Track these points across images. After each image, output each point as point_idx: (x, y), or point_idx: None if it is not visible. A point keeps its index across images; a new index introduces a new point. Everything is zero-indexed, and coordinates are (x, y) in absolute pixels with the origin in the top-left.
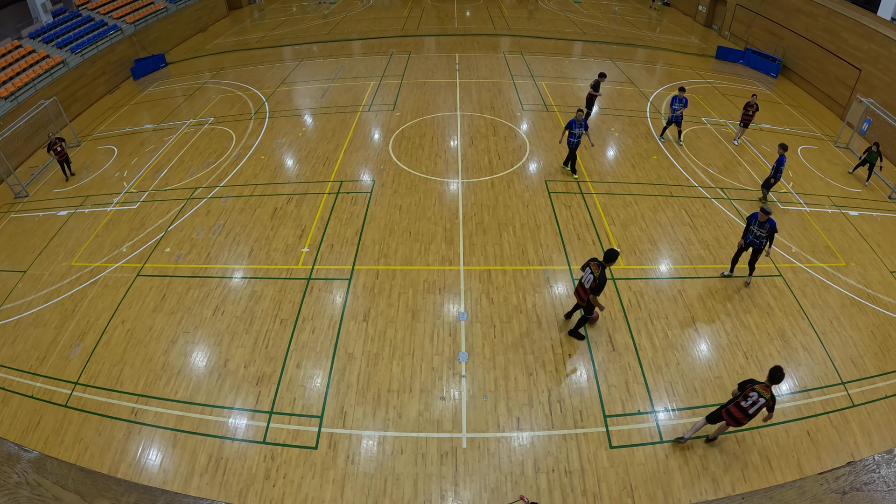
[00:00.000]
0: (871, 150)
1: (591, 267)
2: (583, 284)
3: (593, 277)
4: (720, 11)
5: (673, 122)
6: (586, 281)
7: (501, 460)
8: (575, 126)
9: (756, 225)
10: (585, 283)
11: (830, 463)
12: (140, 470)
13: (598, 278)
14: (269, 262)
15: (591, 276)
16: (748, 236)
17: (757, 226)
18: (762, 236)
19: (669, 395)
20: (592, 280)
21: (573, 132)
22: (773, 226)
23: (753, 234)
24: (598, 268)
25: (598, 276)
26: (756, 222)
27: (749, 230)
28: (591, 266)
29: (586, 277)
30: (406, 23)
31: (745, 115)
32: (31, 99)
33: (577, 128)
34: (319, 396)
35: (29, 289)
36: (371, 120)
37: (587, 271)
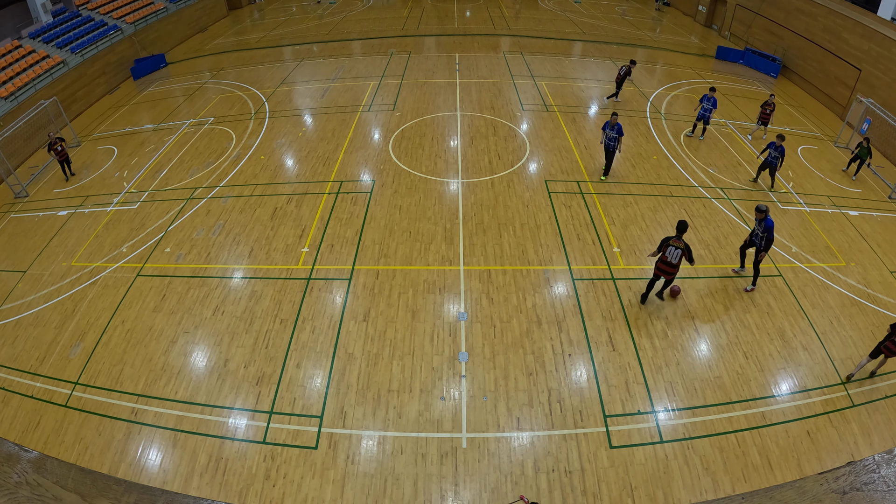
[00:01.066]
0: (862, 146)
1: (673, 244)
2: (670, 262)
3: (681, 250)
4: (720, 11)
5: (701, 120)
6: (674, 257)
7: (501, 460)
8: (608, 128)
9: (756, 223)
10: (674, 258)
11: (830, 463)
12: (140, 470)
13: (685, 248)
14: (269, 262)
15: (678, 249)
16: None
17: (756, 224)
18: (761, 236)
19: (669, 395)
20: (681, 252)
21: (606, 133)
22: (770, 226)
23: (756, 232)
24: (680, 242)
25: (684, 247)
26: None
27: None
28: (673, 243)
29: (673, 253)
30: (406, 23)
31: (762, 113)
32: (31, 99)
33: (609, 129)
34: (319, 396)
35: (29, 289)
36: (371, 120)
37: (670, 249)
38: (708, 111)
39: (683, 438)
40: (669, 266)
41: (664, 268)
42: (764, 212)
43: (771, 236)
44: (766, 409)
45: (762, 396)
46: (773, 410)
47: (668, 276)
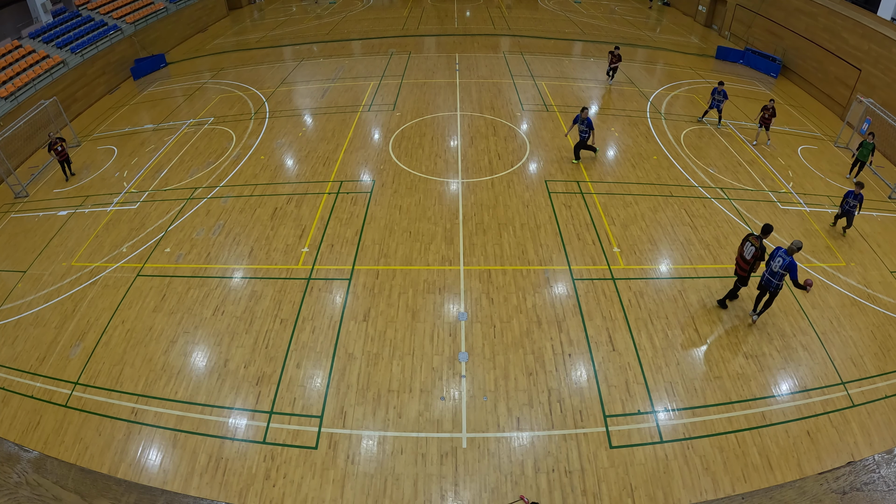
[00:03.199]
0: (866, 143)
1: (751, 241)
2: (744, 257)
3: (755, 248)
4: (720, 11)
5: (714, 108)
6: (748, 253)
7: (501, 460)
8: (578, 122)
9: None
10: (748, 254)
11: (830, 463)
12: (140, 470)
13: (759, 248)
14: (269, 262)
15: (753, 247)
16: (764, 276)
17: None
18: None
19: (669, 395)
20: (755, 251)
21: (576, 127)
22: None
23: (771, 271)
24: (757, 240)
25: (759, 246)
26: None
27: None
28: (751, 240)
29: (748, 250)
30: (406, 23)
31: (762, 117)
32: (31, 99)
33: (580, 123)
34: (319, 396)
35: (29, 289)
36: (371, 120)
37: (747, 245)
38: (720, 101)
39: (683, 438)
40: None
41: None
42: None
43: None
44: (766, 409)
45: (762, 396)
46: (773, 410)
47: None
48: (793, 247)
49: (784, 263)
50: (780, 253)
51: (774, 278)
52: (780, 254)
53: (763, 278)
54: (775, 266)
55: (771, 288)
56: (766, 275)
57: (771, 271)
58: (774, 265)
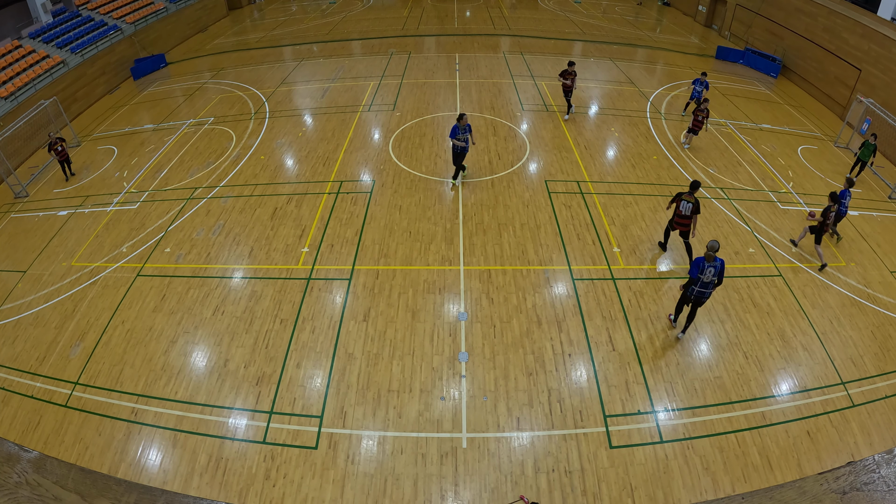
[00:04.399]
0: (868, 143)
1: (685, 198)
2: (683, 213)
3: (692, 204)
4: (720, 11)
5: (693, 99)
6: (686, 209)
7: (501, 460)
8: (459, 131)
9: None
10: (686, 211)
11: (830, 463)
12: (140, 470)
13: (696, 202)
14: (269, 262)
15: (690, 203)
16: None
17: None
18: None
19: (669, 395)
20: (693, 206)
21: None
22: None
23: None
24: (691, 196)
25: (695, 201)
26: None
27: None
28: (685, 198)
29: (685, 207)
30: (406, 23)
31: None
32: (31, 99)
33: (462, 132)
34: (319, 396)
35: (29, 289)
36: (371, 120)
37: (683, 203)
38: (699, 93)
39: (683, 438)
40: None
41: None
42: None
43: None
44: (766, 409)
45: (762, 396)
46: (773, 410)
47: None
48: (711, 252)
49: (717, 271)
50: (705, 265)
51: (708, 289)
52: (707, 266)
53: (693, 292)
54: (707, 277)
55: (704, 300)
56: (697, 289)
57: (703, 284)
58: (706, 277)
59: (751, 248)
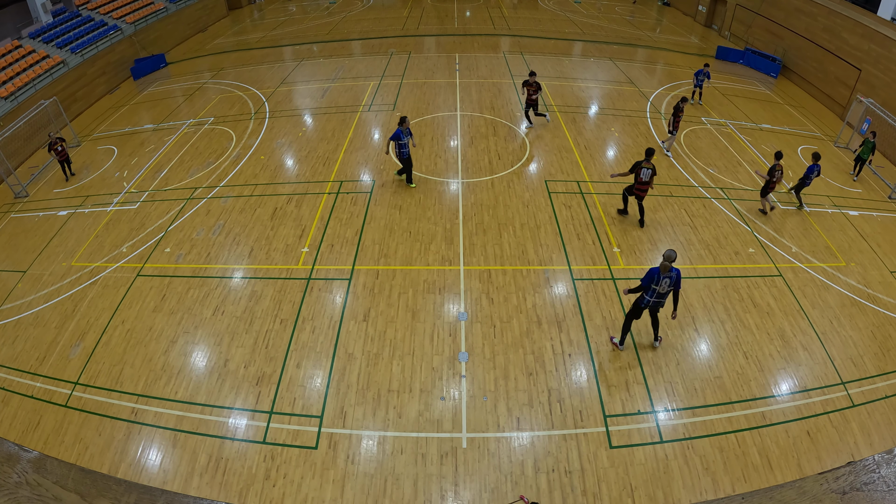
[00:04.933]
0: (868, 140)
1: (645, 165)
2: (644, 181)
3: (651, 170)
4: (720, 11)
5: (698, 87)
6: (646, 176)
7: (501, 460)
8: (403, 136)
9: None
10: (646, 178)
11: (830, 463)
12: (140, 470)
13: (653, 168)
14: (269, 262)
15: (649, 170)
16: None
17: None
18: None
19: (669, 395)
20: (652, 172)
21: (402, 142)
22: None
23: (658, 294)
24: (649, 163)
25: (653, 167)
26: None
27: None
28: (644, 165)
29: (646, 174)
30: (406, 23)
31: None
32: (31, 99)
33: (406, 136)
34: (319, 396)
35: (29, 289)
36: (371, 120)
37: (644, 170)
38: (702, 81)
39: (683, 438)
40: (646, 186)
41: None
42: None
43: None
44: (766, 409)
45: (762, 396)
46: (773, 410)
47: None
48: (668, 262)
49: (673, 280)
50: (661, 277)
51: (663, 298)
52: (663, 277)
53: (649, 303)
54: (663, 289)
55: (660, 307)
56: (653, 299)
57: (658, 294)
58: (662, 287)
59: (751, 248)
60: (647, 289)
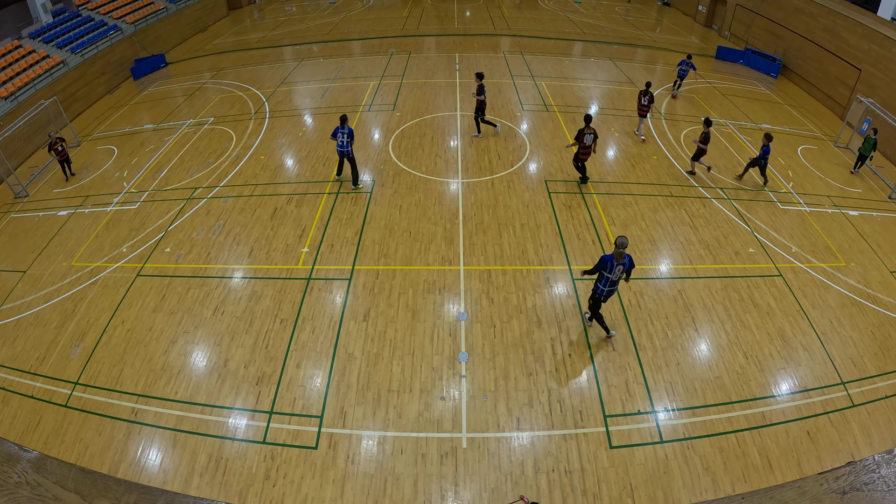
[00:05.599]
0: (869, 137)
1: (587, 132)
2: (587, 145)
3: (593, 135)
4: (720, 11)
5: (681, 78)
6: (590, 141)
7: (501, 460)
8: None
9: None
10: (590, 142)
11: (830, 463)
12: (140, 470)
13: (595, 132)
14: (269, 262)
15: (591, 135)
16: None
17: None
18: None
19: (669, 395)
20: (594, 136)
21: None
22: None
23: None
24: (591, 129)
25: (594, 131)
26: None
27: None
28: (587, 131)
29: (589, 139)
30: (406, 23)
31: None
32: (31, 99)
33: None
34: (319, 396)
35: (29, 289)
36: (371, 120)
37: (588, 136)
38: (685, 73)
39: (683, 438)
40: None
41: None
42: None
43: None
44: (766, 409)
45: (762, 396)
46: (773, 410)
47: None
48: (621, 249)
49: (626, 267)
50: (614, 264)
51: (615, 286)
52: (616, 265)
53: (603, 293)
54: (616, 276)
55: (612, 295)
56: (605, 287)
57: (611, 282)
58: (615, 275)
59: (751, 248)
60: (601, 277)
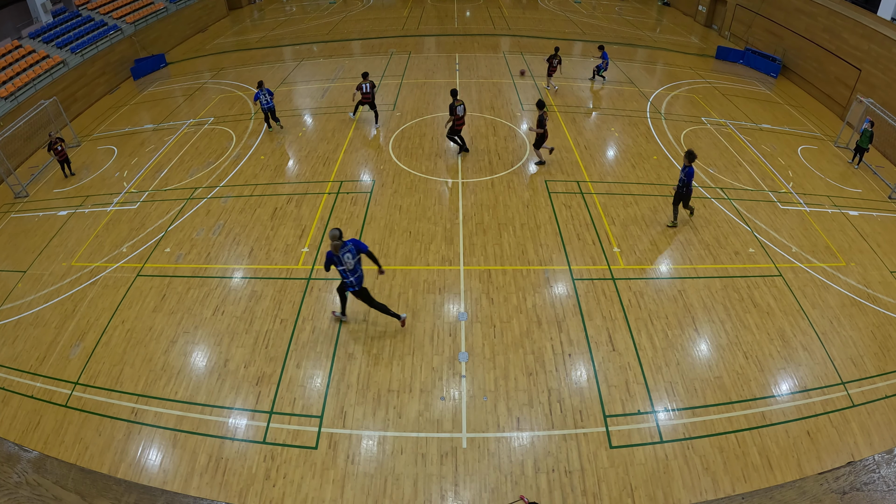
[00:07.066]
0: (866, 130)
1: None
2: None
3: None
4: (720, 11)
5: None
6: (462, 111)
7: (501, 460)
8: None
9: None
10: (462, 112)
11: (830, 463)
12: (140, 470)
13: (463, 103)
14: (269, 262)
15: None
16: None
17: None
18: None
19: (669, 395)
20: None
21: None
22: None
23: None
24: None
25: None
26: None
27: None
28: (456, 103)
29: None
30: (406, 23)
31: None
32: (31, 99)
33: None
34: (319, 396)
35: (29, 289)
36: (371, 120)
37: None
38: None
39: (683, 438)
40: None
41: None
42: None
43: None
44: (766, 409)
45: (762, 396)
46: (773, 410)
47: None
48: (334, 241)
49: (353, 252)
50: (341, 255)
51: (359, 269)
52: (343, 254)
53: (352, 284)
54: (349, 264)
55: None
56: (352, 278)
57: (351, 271)
58: (348, 264)
59: (751, 248)
60: (342, 273)
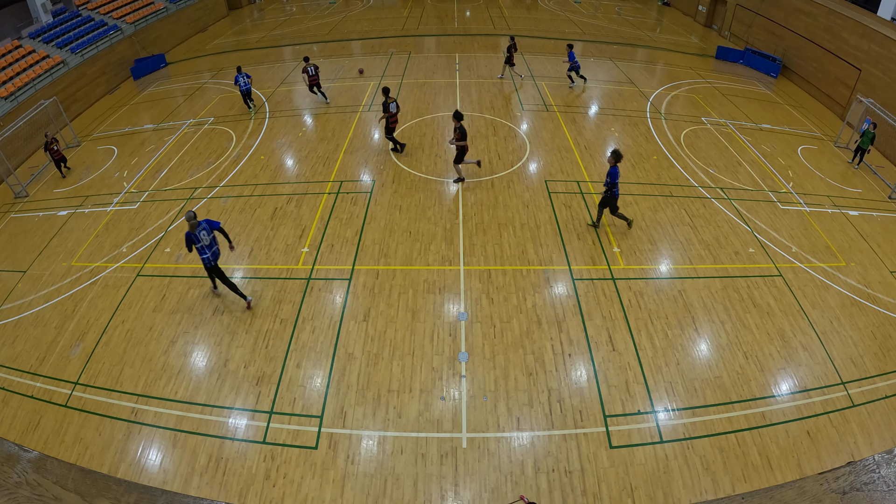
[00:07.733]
0: (868, 131)
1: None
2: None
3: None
4: (720, 11)
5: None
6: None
7: (501, 460)
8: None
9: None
10: (395, 109)
11: (830, 463)
12: (140, 470)
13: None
14: (269, 262)
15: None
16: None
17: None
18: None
19: (669, 395)
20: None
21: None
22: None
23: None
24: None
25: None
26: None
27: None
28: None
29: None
30: (406, 23)
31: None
32: (31, 99)
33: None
34: (319, 396)
35: (29, 289)
36: (371, 120)
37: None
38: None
39: (683, 438)
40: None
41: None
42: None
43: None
44: (766, 409)
45: (762, 396)
46: (773, 410)
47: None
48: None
49: (209, 231)
50: (197, 233)
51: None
52: (199, 231)
53: (209, 259)
54: (207, 240)
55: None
56: (209, 253)
57: (208, 247)
58: (205, 240)
59: (751, 248)
60: (199, 249)
